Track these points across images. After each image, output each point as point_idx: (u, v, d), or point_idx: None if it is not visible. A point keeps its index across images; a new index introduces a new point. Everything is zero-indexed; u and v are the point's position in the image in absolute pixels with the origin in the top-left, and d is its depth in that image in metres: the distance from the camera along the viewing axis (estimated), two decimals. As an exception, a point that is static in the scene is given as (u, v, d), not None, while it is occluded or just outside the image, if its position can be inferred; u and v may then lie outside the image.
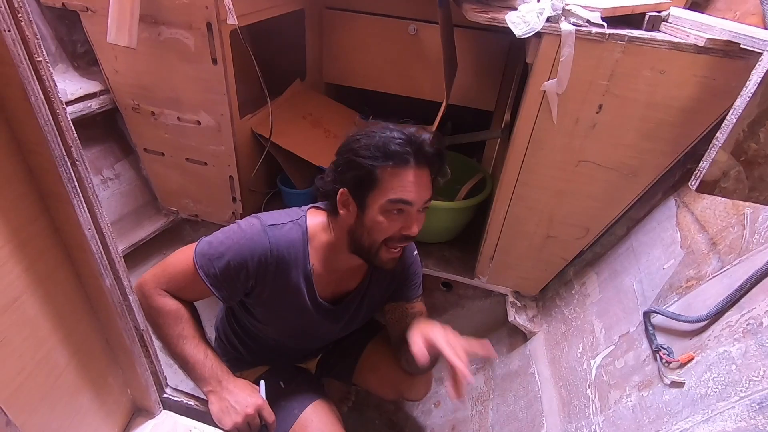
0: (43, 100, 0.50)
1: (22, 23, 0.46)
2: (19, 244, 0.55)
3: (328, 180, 0.82)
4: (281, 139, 1.37)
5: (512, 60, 1.48)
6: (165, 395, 0.87)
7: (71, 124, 0.54)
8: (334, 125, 1.55)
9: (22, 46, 0.46)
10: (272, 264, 0.82)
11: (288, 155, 1.39)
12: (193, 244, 0.83)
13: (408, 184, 0.74)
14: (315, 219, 0.87)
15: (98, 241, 0.62)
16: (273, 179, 1.53)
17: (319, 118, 1.54)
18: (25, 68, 0.47)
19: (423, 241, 1.43)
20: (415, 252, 1.00)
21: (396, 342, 1.00)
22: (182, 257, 0.83)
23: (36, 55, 0.48)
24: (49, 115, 0.51)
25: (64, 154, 0.54)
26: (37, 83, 0.49)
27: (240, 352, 1.05)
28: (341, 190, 0.78)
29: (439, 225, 1.41)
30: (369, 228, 0.77)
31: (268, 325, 0.94)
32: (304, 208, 0.89)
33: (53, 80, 0.51)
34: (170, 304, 0.82)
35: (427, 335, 0.75)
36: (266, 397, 0.84)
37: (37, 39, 0.48)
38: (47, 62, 0.50)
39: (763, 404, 0.55)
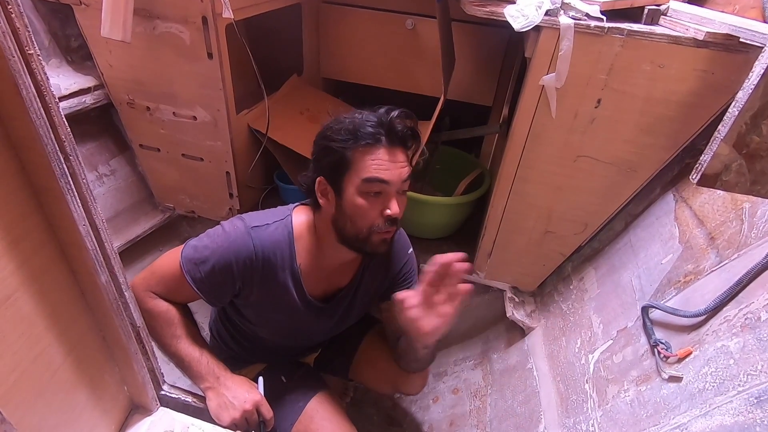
0: (35, 94, 0.49)
1: (12, 15, 0.45)
2: (12, 240, 0.55)
3: (308, 174, 0.82)
4: (278, 134, 1.36)
5: (511, 54, 1.47)
6: (162, 392, 0.87)
7: (64, 119, 0.53)
8: (327, 122, 1.54)
9: (13, 38, 0.45)
10: (258, 266, 0.81)
11: (285, 151, 1.38)
12: (181, 247, 0.83)
13: (382, 163, 0.73)
14: (301, 217, 0.86)
15: (93, 237, 0.61)
16: (270, 175, 1.52)
17: (316, 114, 1.53)
18: (15, 61, 0.46)
19: (421, 237, 1.43)
20: (410, 250, 0.99)
21: (393, 340, 1.00)
22: (169, 261, 0.82)
23: (27, 48, 0.47)
24: (41, 109, 0.50)
25: (57, 149, 0.53)
26: (28, 77, 0.48)
27: (236, 351, 1.04)
28: (318, 178, 0.79)
29: (437, 220, 1.41)
30: (350, 215, 0.76)
31: (261, 326, 0.94)
32: (291, 206, 0.88)
33: (45, 74, 0.50)
34: (161, 305, 0.82)
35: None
36: (264, 393, 0.84)
37: (28, 31, 0.47)
38: (39, 55, 0.49)
39: (761, 398, 0.55)
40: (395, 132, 0.74)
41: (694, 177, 0.47)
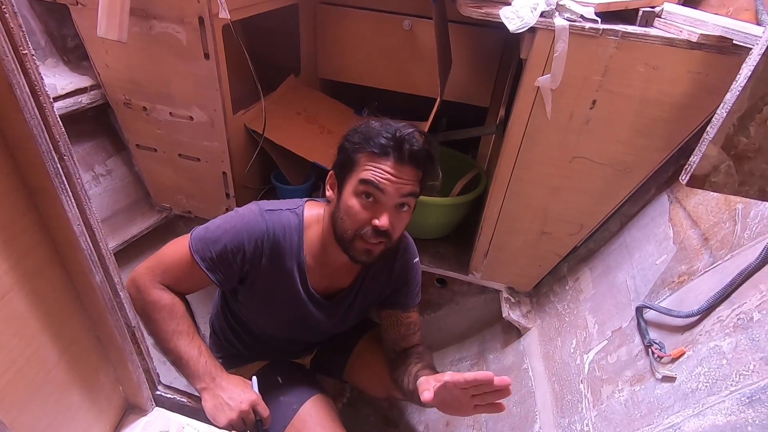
0: (29, 93, 0.49)
1: (6, 15, 0.45)
2: (6, 240, 0.55)
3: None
4: (275, 134, 1.36)
5: (507, 56, 1.48)
6: (158, 392, 0.87)
7: (58, 119, 0.53)
8: (328, 121, 1.54)
9: (7, 38, 0.45)
10: (267, 248, 0.82)
11: (282, 151, 1.38)
12: (187, 235, 0.83)
13: (382, 172, 0.74)
14: (311, 210, 0.88)
15: (87, 237, 0.61)
16: (267, 175, 1.52)
17: (313, 114, 1.53)
18: (9, 61, 0.46)
19: (418, 237, 1.42)
20: (416, 259, 0.98)
21: (389, 349, 1.00)
22: (176, 247, 0.83)
23: (21, 48, 0.47)
24: (36, 109, 0.50)
25: (51, 149, 0.53)
26: (22, 76, 0.48)
27: (236, 348, 1.04)
28: (330, 172, 0.82)
29: (433, 221, 1.41)
30: (342, 213, 0.78)
31: (262, 316, 0.94)
32: (303, 199, 0.90)
33: (39, 74, 0.50)
34: (165, 298, 0.82)
35: (437, 377, 0.73)
36: (259, 392, 0.84)
37: (22, 31, 0.47)
38: (33, 55, 0.49)
39: (753, 398, 0.56)
40: (404, 150, 0.74)
41: (683, 178, 0.48)
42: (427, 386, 0.72)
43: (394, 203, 0.75)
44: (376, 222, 0.74)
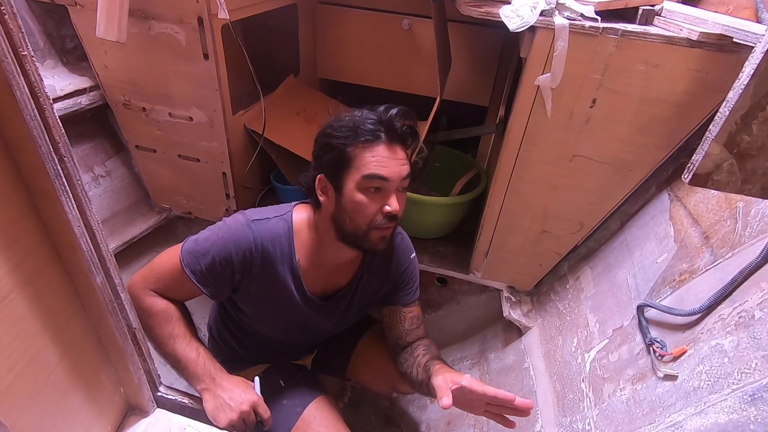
0: (29, 95, 0.49)
1: (6, 16, 0.44)
2: (6, 242, 0.54)
3: (308, 173, 0.83)
4: (275, 135, 1.36)
5: (506, 55, 1.48)
6: (159, 393, 0.87)
7: (58, 120, 0.53)
8: (327, 121, 1.54)
9: (6, 39, 0.45)
10: (257, 258, 0.82)
11: (281, 151, 1.38)
12: (180, 244, 0.83)
13: (381, 160, 0.74)
14: (301, 214, 0.87)
15: (88, 238, 0.61)
16: (267, 175, 1.52)
17: (312, 114, 1.53)
18: (9, 62, 0.46)
19: (418, 237, 1.43)
20: (413, 255, 0.99)
21: (393, 345, 1.00)
22: (168, 257, 0.83)
23: (21, 49, 0.47)
24: (35, 110, 0.50)
25: (52, 150, 0.53)
26: (22, 78, 0.48)
27: (236, 351, 1.04)
28: (318, 176, 0.80)
29: (433, 220, 1.41)
30: (350, 211, 0.77)
31: (260, 322, 0.94)
32: (292, 204, 0.89)
33: (39, 75, 0.50)
34: (159, 304, 0.82)
35: (455, 379, 0.73)
36: (261, 393, 0.84)
37: (22, 32, 0.47)
38: (32, 56, 0.49)
39: (755, 396, 0.55)
40: (394, 129, 0.75)
41: (686, 177, 0.48)
42: (446, 390, 0.71)
43: (396, 186, 0.77)
44: (388, 208, 0.76)
